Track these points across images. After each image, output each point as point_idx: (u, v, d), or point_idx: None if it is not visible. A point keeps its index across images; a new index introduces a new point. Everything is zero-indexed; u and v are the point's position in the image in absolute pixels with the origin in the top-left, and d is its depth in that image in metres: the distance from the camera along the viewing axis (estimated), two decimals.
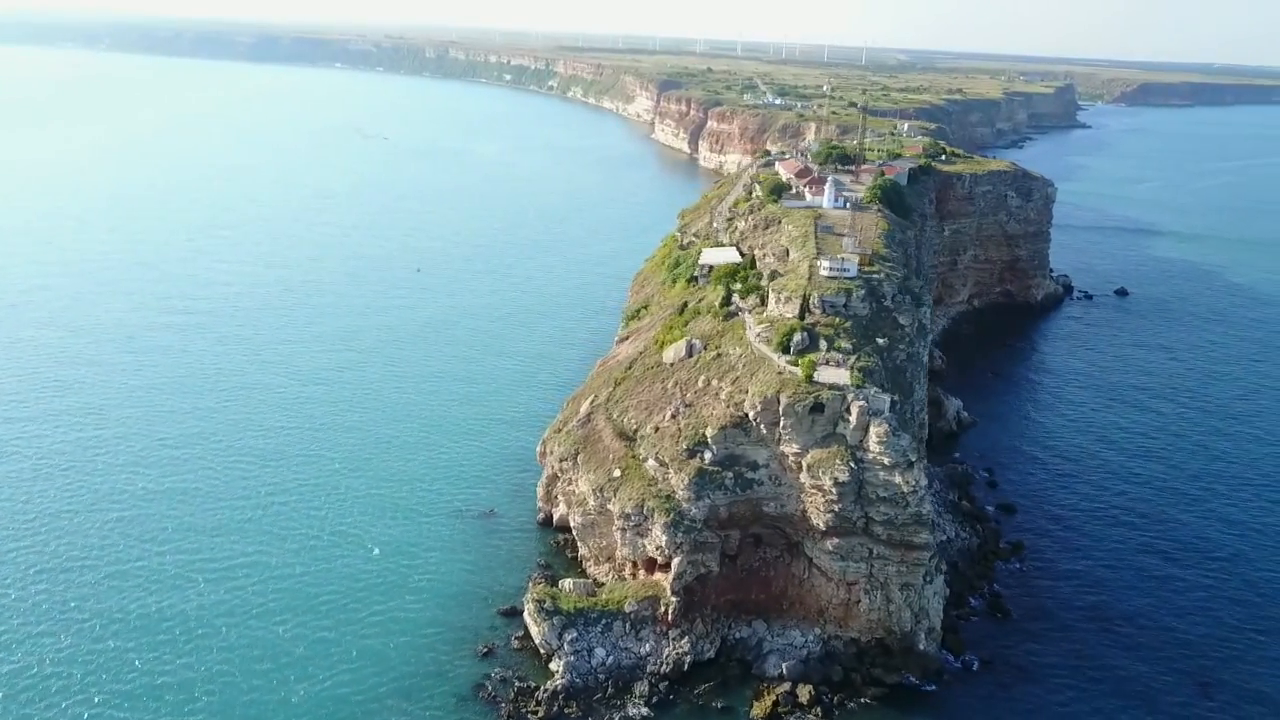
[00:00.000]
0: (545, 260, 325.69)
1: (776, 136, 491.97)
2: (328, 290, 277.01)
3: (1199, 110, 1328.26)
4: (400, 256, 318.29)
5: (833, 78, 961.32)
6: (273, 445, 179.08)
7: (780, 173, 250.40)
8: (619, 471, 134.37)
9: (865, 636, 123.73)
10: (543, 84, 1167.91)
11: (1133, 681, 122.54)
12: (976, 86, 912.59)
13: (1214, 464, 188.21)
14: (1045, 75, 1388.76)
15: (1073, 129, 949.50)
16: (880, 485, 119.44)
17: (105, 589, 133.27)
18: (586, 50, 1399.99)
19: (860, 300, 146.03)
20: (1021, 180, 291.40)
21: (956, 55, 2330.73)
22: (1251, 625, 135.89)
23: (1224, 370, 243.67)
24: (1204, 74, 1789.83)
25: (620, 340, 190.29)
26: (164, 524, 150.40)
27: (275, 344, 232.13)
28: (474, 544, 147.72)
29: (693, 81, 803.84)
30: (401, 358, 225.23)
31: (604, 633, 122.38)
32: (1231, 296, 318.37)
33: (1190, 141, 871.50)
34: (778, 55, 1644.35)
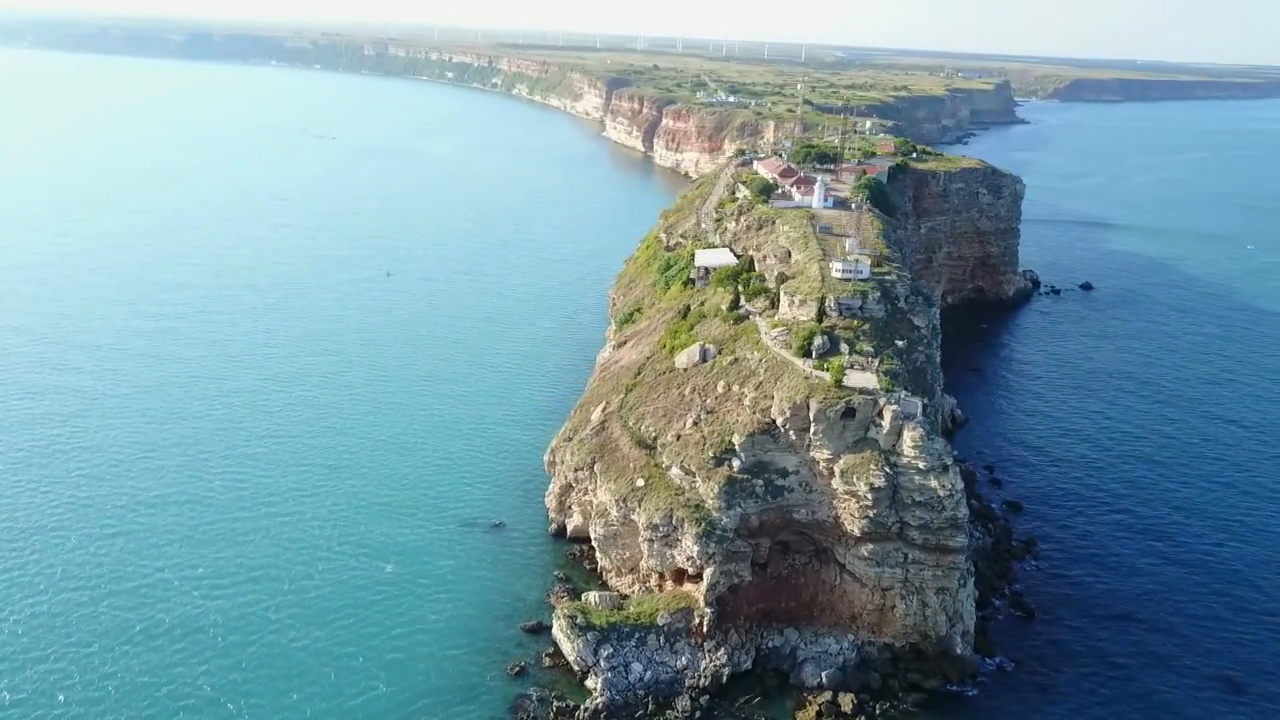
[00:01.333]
0: (516, 261, 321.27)
1: (735, 135, 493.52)
2: (299, 294, 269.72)
3: (1128, 106, 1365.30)
4: (369, 260, 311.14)
5: (777, 74, 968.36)
6: (264, 453, 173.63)
7: (761, 172, 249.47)
8: (642, 481, 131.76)
9: (900, 642, 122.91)
10: (486, 82, 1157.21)
11: (1163, 677, 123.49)
12: (919, 84, 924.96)
13: (1203, 450, 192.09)
14: (980, 72, 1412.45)
15: (1012, 125, 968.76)
16: (916, 490, 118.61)
17: (108, 606, 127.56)
18: (529, 47, 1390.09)
19: (876, 302, 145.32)
20: (992, 177, 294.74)
21: (892, 52, 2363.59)
22: (1272, 619, 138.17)
23: (1195, 361, 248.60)
24: (1132, 71, 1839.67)
25: (618, 345, 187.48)
26: (159, 536, 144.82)
27: (252, 350, 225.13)
28: (487, 557, 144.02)
29: (641, 79, 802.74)
30: (384, 364, 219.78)
31: (638, 647, 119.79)
32: (1187, 288, 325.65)
33: (1124, 136, 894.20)
34: (718, 52, 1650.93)
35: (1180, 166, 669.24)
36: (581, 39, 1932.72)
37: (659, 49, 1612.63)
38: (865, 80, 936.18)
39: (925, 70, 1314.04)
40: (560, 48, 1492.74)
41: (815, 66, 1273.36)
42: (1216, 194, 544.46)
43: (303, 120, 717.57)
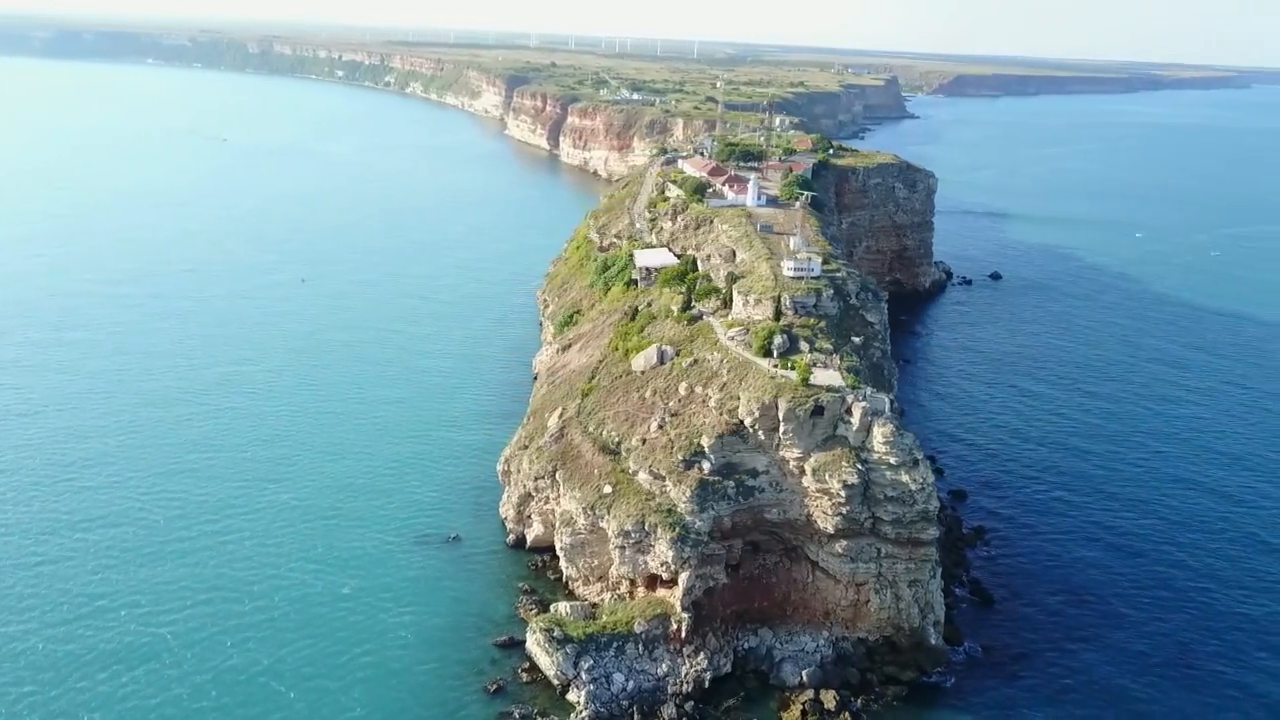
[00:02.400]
0: (434, 263, 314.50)
1: (644, 132, 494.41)
2: (212, 305, 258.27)
3: (1007, 100, 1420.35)
4: (281, 265, 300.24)
5: (673, 71, 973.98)
6: (196, 467, 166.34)
7: (688, 170, 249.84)
8: (610, 488, 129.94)
9: (874, 636, 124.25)
10: (379, 80, 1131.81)
11: (1121, 651, 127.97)
12: (814, 80, 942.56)
13: (1124, 431, 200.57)
14: (867, 68, 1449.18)
15: (903, 120, 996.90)
16: (888, 485, 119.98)
17: (45, 638, 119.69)
18: (421, 45, 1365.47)
19: (829, 300, 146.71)
20: (906, 172, 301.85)
21: (780, 49, 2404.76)
22: (1208, 579, 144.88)
23: (1105, 345, 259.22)
24: (1009, 66, 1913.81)
25: (562, 348, 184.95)
26: (92, 560, 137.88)
27: (168, 360, 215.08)
28: (447, 572, 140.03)
29: (540, 76, 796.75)
30: (312, 372, 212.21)
31: (617, 657, 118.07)
32: (1087, 275, 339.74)
33: (1010, 130, 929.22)
34: (611, 49, 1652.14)
35: (1066, 158, 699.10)
36: (473, 36, 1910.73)
37: (551, 46, 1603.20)
38: (760, 77, 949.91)
39: (816, 67, 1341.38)
40: (452, 45, 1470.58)
41: (708, 63, 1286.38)
42: (1102, 184, 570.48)
43: (190, 121, 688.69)
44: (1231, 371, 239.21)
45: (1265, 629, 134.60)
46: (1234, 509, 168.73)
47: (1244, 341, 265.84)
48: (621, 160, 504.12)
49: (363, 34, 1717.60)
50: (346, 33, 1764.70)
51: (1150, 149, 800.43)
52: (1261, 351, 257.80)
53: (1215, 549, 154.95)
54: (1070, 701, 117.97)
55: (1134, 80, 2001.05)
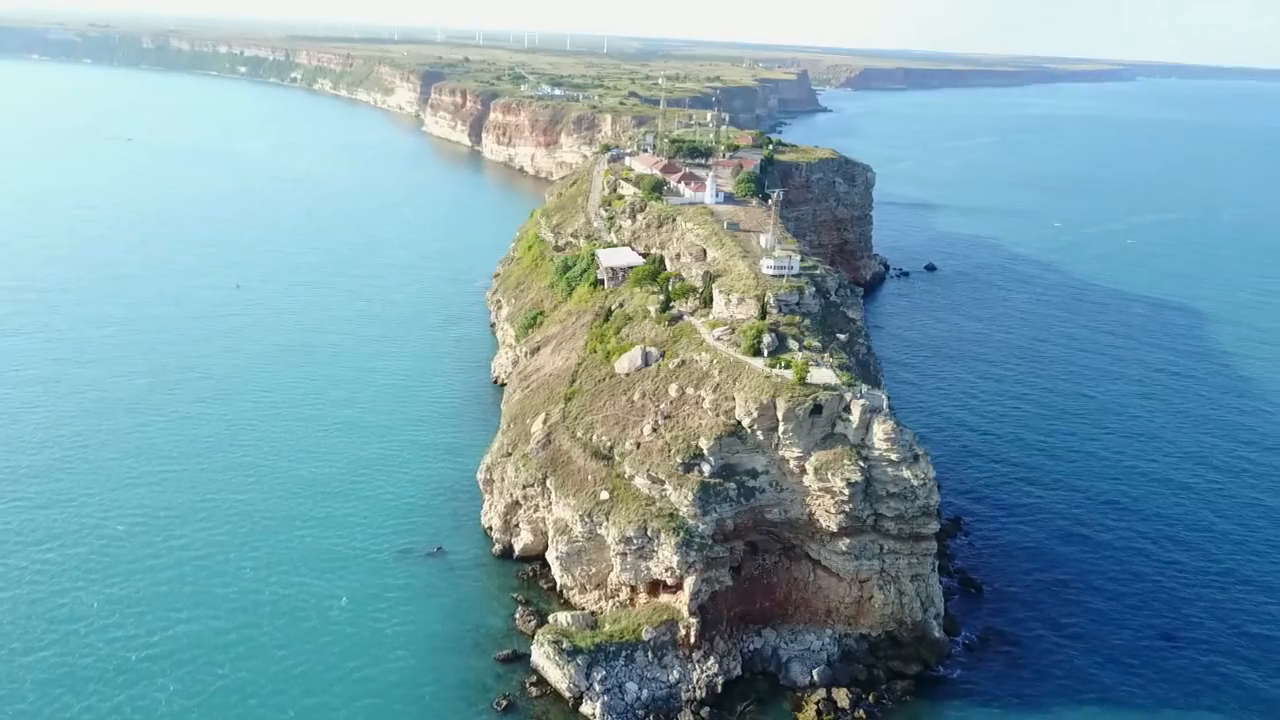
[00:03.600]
0: (371, 265, 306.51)
1: (571, 128, 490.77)
2: (145, 311, 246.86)
3: (913, 94, 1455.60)
4: (211, 270, 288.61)
5: (588, 66, 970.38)
6: (157, 484, 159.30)
7: (637, 168, 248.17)
8: (607, 494, 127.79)
9: (876, 631, 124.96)
10: (284, 76, 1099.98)
11: (1107, 634, 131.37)
12: (728, 75, 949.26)
13: (1076, 416, 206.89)
14: (776, 63, 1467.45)
15: (816, 113, 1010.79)
16: (890, 481, 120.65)
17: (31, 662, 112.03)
18: (327, 40, 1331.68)
19: (812, 297, 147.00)
20: (846, 166, 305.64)
21: (688, 43, 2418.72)
22: (1175, 551, 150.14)
23: (1044, 332, 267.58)
24: (913, 60, 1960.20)
25: (530, 351, 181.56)
26: (62, 580, 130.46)
27: (109, 373, 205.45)
28: (437, 586, 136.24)
29: (455, 72, 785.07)
30: (265, 382, 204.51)
31: (627, 666, 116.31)
32: (1015, 264, 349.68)
33: (918, 123, 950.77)
34: (520, 44, 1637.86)
35: (977, 150, 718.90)
36: (376, 31, 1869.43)
37: (459, 41, 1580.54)
38: (675, 71, 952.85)
39: (727, 61, 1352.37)
40: (357, 40, 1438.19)
41: (620, 58, 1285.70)
42: (1014, 175, 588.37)
43: (89, 120, 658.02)
44: (1164, 359, 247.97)
45: (1236, 591, 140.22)
46: (1180, 487, 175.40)
47: (1170, 326, 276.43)
48: (549, 156, 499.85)
49: (263, 28, 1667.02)
50: (246, 27, 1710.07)
51: (1052, 140, 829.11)
52: (1188, 336, 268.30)
53: (1174, 523, 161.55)
54: (1073, 685, 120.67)
55: (1029, 74, 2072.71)
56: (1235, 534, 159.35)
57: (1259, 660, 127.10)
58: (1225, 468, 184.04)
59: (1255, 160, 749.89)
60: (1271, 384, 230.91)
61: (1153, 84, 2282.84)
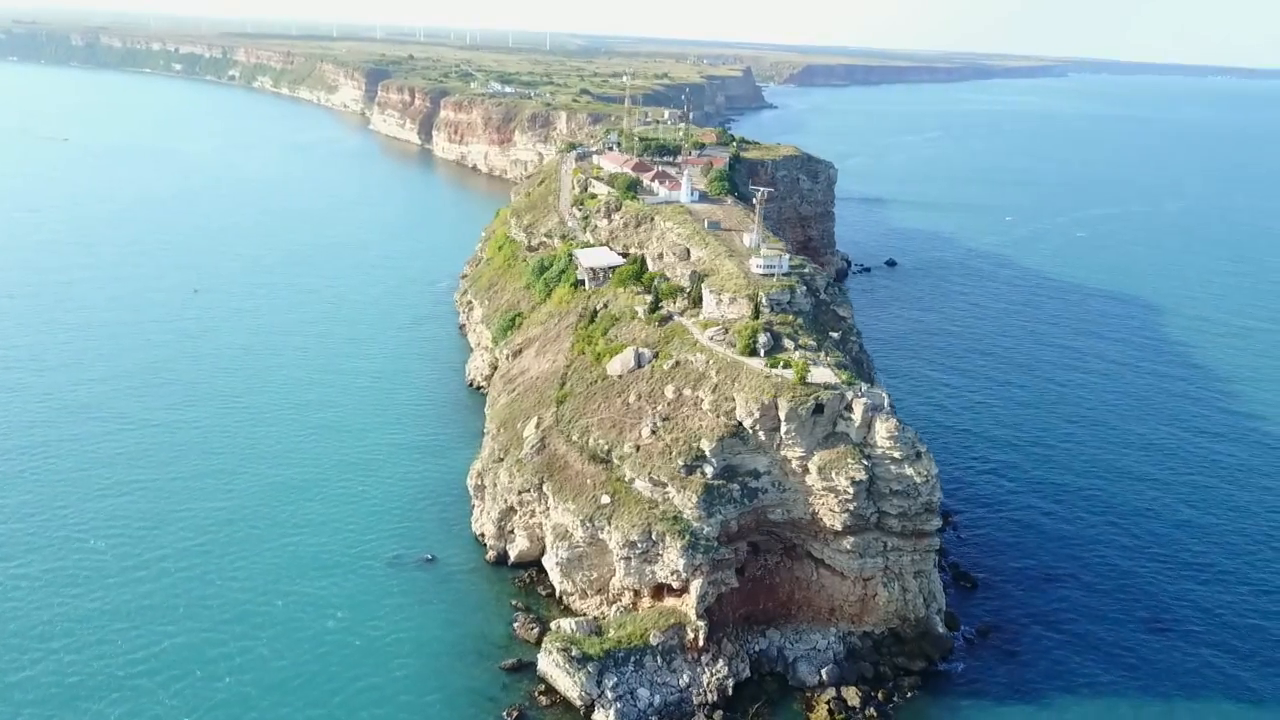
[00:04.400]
0: (331, 267, 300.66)
1: (525, 126, 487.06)
2: (103, 317, 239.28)
3: (855, 90, 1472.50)
4: (167, 274, 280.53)
5: (534, 63, 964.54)
6: (127, 495, 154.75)
7: (605, 166, 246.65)
8: (608, 498, 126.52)
9: (880, 629, 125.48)
10: (222, 74, 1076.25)
11: (1099, 625, 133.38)
12: (675, 71, 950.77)
13: (1050, 406, 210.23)
14: (717, 59, 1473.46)
15: (762, 109, 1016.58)
16: (893, 479, 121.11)
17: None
18: (264, 37, 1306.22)
19: (803, 296, 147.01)
20: (808, 163, 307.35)
21: (631, 40, 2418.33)
22: (1158, 550, 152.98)
23: (1008, 323, 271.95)
24: (854, 57, 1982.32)
25: (513, 354, 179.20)
26: (32, 598, 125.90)
27: (71, 379, 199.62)
28: (432, 594, 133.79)
29: (401, 70, 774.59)
30: (236, 387, 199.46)
31: (637, 671, 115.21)
32: (973, 258, 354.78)
33: (863, 118, 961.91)
34: (460, 41, 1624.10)
35: (924, 145, 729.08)
36: (314, 28, 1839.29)
37: (398, 38, 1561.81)
38: (623, 68, 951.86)
39: (671, 58, 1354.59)
40: (295, 37, 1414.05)
41: (564, 55, 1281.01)
42: (962, 170, 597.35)
43: (19, 120, 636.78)
44: (1125, 351, 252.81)
45: (1219, 575, 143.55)
46: (1147, 476, 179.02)
47: (1127, 319, 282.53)
48: (503, 154, 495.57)
49: (196, 24, 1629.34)
50: (178, 24, 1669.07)
51: (995, 135, 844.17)
52: (1145, 328, 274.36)
53: (1145, 512, 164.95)
54: (1071, 676, 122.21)
55: (966, 69, 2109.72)
56: (1202, 521, 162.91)
57: (1238, 645, 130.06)
58: (1189, 457, 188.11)
59: (1189, 154, 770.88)
60: (1226, 374, 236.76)
61: (1085, 80, 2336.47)
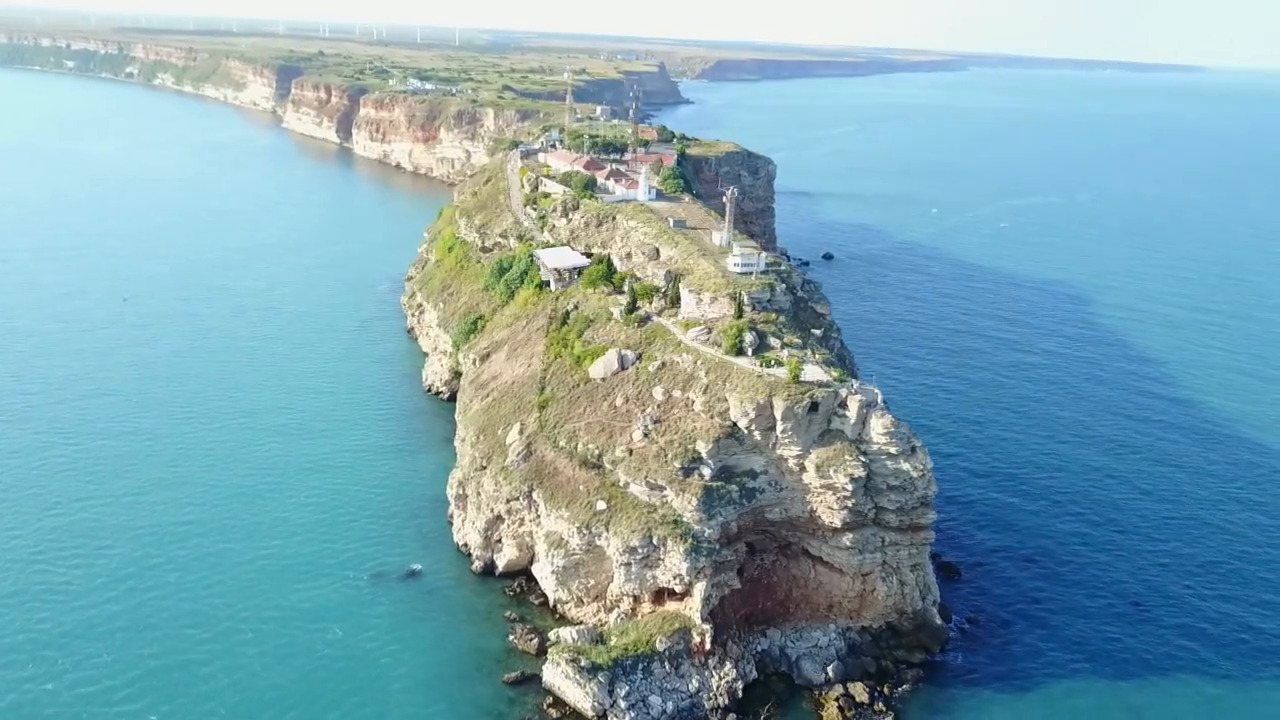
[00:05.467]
0: (265, 272, 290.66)
1: (451, 123, 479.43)
2: (26, 329, 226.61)
3: (766, 84, 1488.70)
4: (90, 284, 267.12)
5: (448, 59, 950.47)
6: (84, 522, 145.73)
7: (553, 164, 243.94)
8: (603, 503, 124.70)
9: (877, 623, 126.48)
10: (119, 71, 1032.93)
11: (1083, 606, 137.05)
12: (593, 68, 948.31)
13: (1011, 393, 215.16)
14: (628, 54, 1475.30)
15: (679, 105, 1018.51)
16: (890, 474, 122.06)
17: None
18: (161, 32, 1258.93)
19: (782, 294, 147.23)
20: (749, 159, 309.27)
21: (537, 36, 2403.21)
22: (1122, 528, 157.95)
23: (950, 313, 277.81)
24: (763, 52, 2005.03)
25: (480, 358, 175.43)
26: (11, 639, 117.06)
27: (5, 401, 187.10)
28: (421, 609, 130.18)
29: (311, 67, 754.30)
30: (185, 402, 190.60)
31: (645, 678, 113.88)
32: (904, 250, 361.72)
33: (779, 113, 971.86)
34: (368, 37, 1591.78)
35: (840, 139, 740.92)
36: (212, 23, 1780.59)
37: (302, 34, 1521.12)
38: (537, 64, 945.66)
39: (582, 53, 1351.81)
40: (193, 33, 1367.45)
41: (476, 51, 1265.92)
42: (881, 163, 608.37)
43: None
44: (1059, 339, 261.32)
45: (1188, 556, 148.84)
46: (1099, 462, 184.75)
47: (1059, 306, 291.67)
48: (429, 153, 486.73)
49: (85, 19, 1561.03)
50: (66, 18, 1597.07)
51: (907, 128, 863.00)
52: (1076, 315, 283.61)
53: (1105, 495, 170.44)
54: (1063, 660, 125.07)
55: (871, 64, 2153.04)
56: (1153, 503, 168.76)
57: (1207, 628, 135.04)
58: (1135, 443, 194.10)
59: (1093, 146, 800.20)
60: (1161, 359, 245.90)
61: (984, 74, 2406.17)
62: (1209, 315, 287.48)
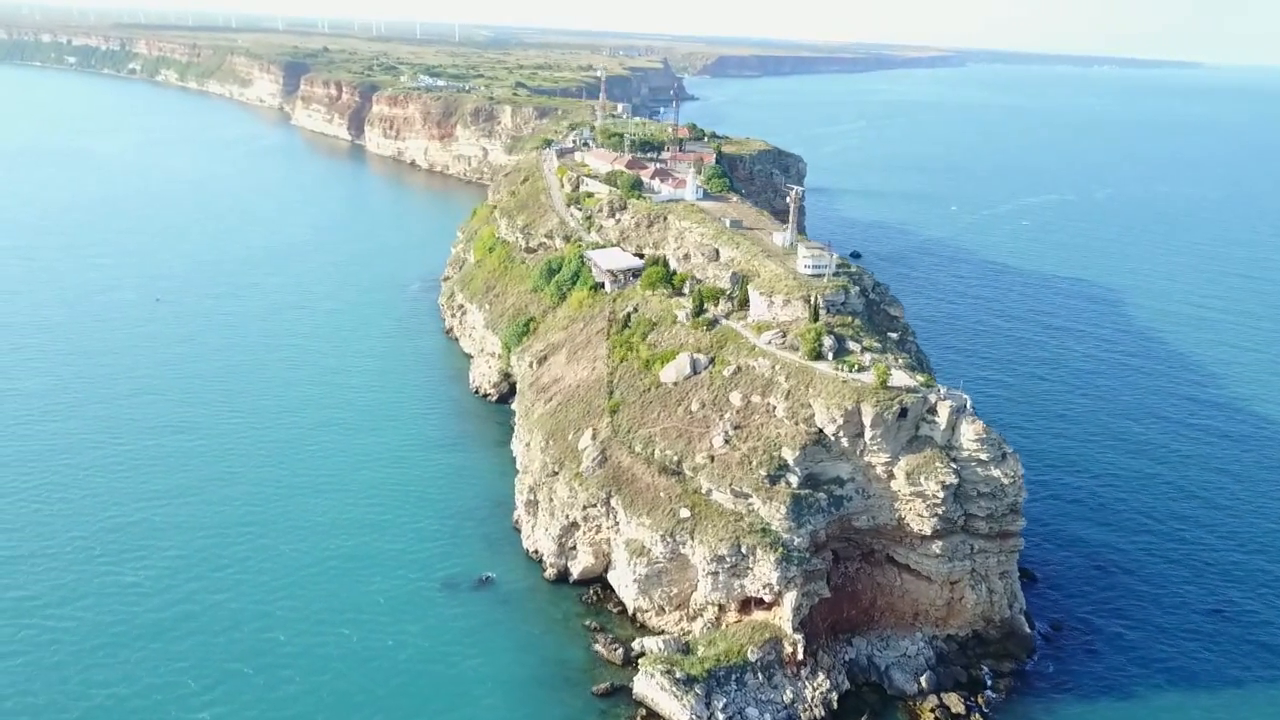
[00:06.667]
0: (293, 270, 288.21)
1: (468, 120, 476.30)
2: (70, 336, 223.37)
3: (767, 80, 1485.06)
4: (119, 284, 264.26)
5: (451, 55, 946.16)
6: (156, 527, 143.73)
7: (591, 163, 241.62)
8: (687, 511, 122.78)
9: (964, 631, 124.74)
10: (121, 67, 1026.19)
11: (1160, 613, 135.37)
12: (598, 64, 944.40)
13: (1064, 396, 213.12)
14: (631, 49, 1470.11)
15: (684, 101, 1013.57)
16: (980, 481, 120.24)
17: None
18: (162, 28, 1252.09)
19: (856, 296, 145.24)
20: (780, 157, 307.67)
21: (536, 31, 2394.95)
22: (1192, 533, 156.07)
23: (990, 311, 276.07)
24: (765, 48, 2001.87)
25: (536, 361, 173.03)
26: (83, 643, 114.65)
27: (55, 404, 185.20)
28: (498, 618, 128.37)
29: (317, 63, 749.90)
30: (232, 408, 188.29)
31: (739, 689, 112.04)
32: (931, 247, 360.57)
33: (785, 109, 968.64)
34: (366, 32, 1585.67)
35: (850, 136, 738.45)
36: (210, 18, 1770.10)
37: (300, 30, 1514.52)
38: (544, 60, 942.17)
39: (585, 49, 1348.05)
40: (191, 28, 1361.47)
41: (477, 47, 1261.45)
42: (894, 160, 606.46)
43: None
44: (1111, 336, 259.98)
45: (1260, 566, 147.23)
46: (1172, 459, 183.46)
47: (1098, 304, 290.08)
48: (445, 150, 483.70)
49: (83, 15, 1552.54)
50: (61, 15, 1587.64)
51: (913, 124, 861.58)
52: (1119, 313, 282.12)
53: (1176, 496, 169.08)
54: (1149, 666, 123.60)
55: (870, 60, 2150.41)
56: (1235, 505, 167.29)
57: None
58: (1184, 448, 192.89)
59: (1100, 142, 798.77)
60: (1199, 361, 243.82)
61: (982, 69, 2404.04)
62: (1240, 314, 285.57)
